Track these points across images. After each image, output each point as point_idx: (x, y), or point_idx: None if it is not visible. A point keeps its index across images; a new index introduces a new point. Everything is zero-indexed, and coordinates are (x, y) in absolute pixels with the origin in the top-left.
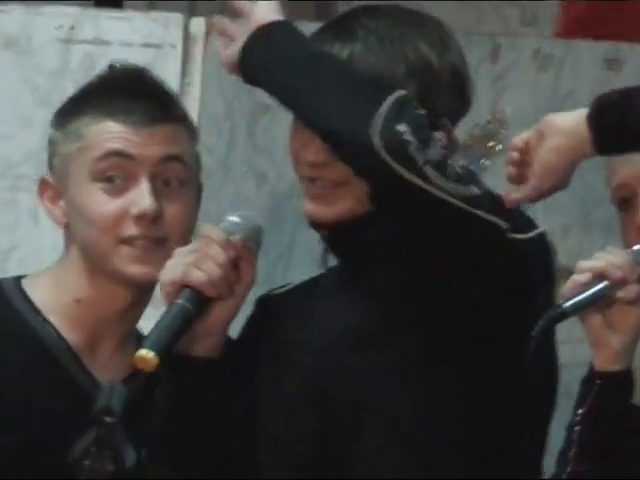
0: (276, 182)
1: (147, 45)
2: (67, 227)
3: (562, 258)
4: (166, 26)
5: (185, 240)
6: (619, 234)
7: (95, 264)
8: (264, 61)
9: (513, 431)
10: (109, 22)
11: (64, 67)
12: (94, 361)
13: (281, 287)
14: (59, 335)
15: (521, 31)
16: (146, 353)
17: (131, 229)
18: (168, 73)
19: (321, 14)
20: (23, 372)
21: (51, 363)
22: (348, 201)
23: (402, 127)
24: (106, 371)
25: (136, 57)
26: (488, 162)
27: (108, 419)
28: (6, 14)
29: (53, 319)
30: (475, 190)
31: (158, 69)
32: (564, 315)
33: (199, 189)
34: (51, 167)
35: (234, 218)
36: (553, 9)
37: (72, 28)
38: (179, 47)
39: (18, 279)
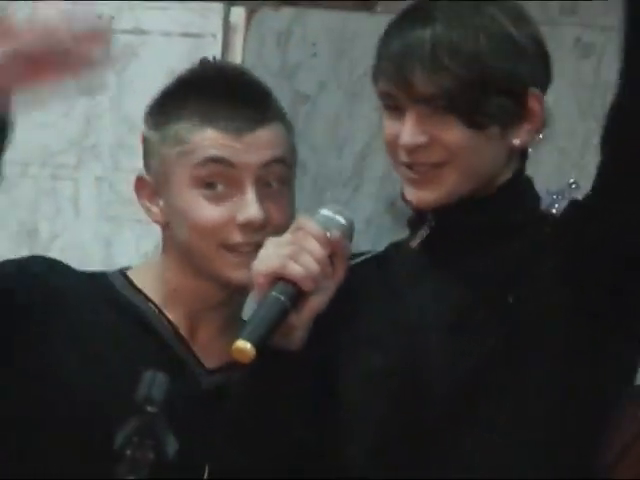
0: (318, 170)
1: (186, 35)
2: (166, 226)
3: None
4: (206, 16)
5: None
6: None
7: (194, 265)
8: None
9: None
10: (148, 12)
11: (104, 56)
12: (194, 344)
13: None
14: (160, 312)
15: (560, 20)
16: (243, 345)
17: (236, 236)
18: None
19: (358, 5)
20: (127, 343)
21: (154, 337)
22: (452, 181)
23: None
24: (205, 355)
25: (176, 46)
26: (530, 150)
27: (149, 408)
28: (47, 3)
29: (156, 302)
30: None
31: (197, 58)
32: None
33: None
34: (147, 166)
35: (327, 212)
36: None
37: (112, 18)
38: (219, 37)
39: (123, 269)
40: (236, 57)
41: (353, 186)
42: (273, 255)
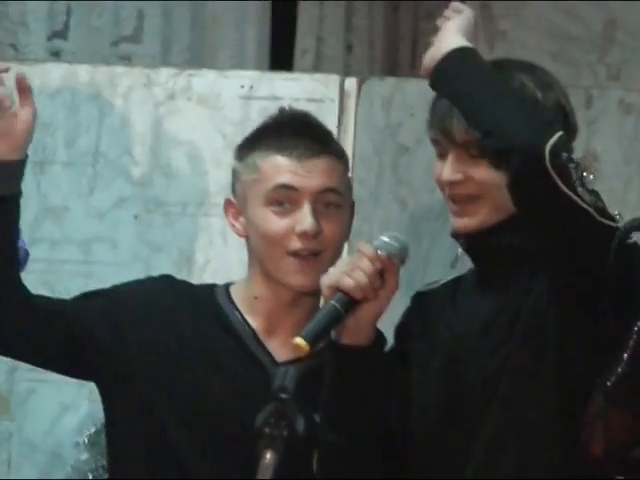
0: (415, 207)
1: (311, 100)
2: (247, 240)
3: None
4: (326, 84)
5: (338, 251)
6: None
7: (266, 270)
8: (454, 77)
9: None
10: (281, 82)
11: (246, 118)
12: (272, 343)
13: (433, 283)
14: (244, 319)
15: (607, 85)
16: (300, 341)
17: (296, 244)
18: (328, 122)
19: None
20: (213, 344)
21: (236, 339)
22: (484, 212)
23: (565, 155)
24: (283, 351)
25: (302, 109)
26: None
27: (283, 396)
28: (200, 78)
29: (242, 310)
30: (604, 205)
31: (320, 119)
32: None
33: (352, 208)
34: (233, 191)
35: (384, 238)
36: (633, 68)
37: (252, 88)
38: (336, 101)
39: (228, 284)
40: (350, 117)
41: (442, 220)
42: (335, 272)
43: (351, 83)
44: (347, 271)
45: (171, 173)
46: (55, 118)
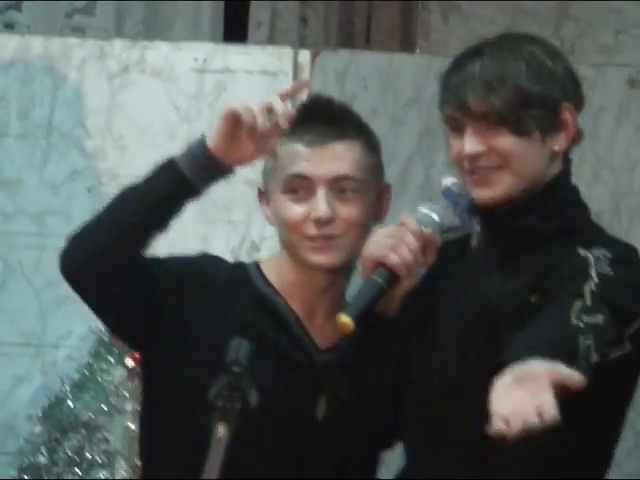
0: None
1: (265, 73)
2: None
3: None
4: (280, 57)
5: (360, 234)
6: None
7: (292, 255)
8: None
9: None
10: (235, 55)
11: (200, 91)
12: (312, 328)
13: (448, 230)
14: (287, 304)
15: None
16: (345, 319)
17: (312, 230)
18: None
19: (400, 48)
20: (260, 331)
21: (283, 326)
22: (507, 181)
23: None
24: (321, 335)
25: (256, 82)
26: None
27: (236, 369)
28: (154, 50)
29: (280, 292)
30: (609, 331)
31: (273, 91)
32: None
33: (382, 190)
34: (263, 179)
35: (425, 209)
36: (587, 42)
37: (205, 60)
38: (290, 74)
39: (257, 263)
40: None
41: (397, 192)
42: (378, 243)
43: (304, 56)
44: (392, 246)
45: (125, 145)
46: (8, 90)
